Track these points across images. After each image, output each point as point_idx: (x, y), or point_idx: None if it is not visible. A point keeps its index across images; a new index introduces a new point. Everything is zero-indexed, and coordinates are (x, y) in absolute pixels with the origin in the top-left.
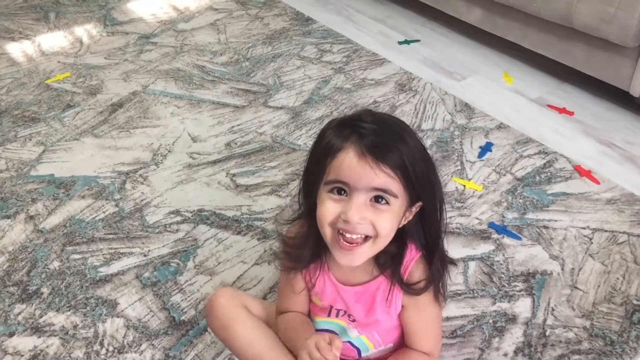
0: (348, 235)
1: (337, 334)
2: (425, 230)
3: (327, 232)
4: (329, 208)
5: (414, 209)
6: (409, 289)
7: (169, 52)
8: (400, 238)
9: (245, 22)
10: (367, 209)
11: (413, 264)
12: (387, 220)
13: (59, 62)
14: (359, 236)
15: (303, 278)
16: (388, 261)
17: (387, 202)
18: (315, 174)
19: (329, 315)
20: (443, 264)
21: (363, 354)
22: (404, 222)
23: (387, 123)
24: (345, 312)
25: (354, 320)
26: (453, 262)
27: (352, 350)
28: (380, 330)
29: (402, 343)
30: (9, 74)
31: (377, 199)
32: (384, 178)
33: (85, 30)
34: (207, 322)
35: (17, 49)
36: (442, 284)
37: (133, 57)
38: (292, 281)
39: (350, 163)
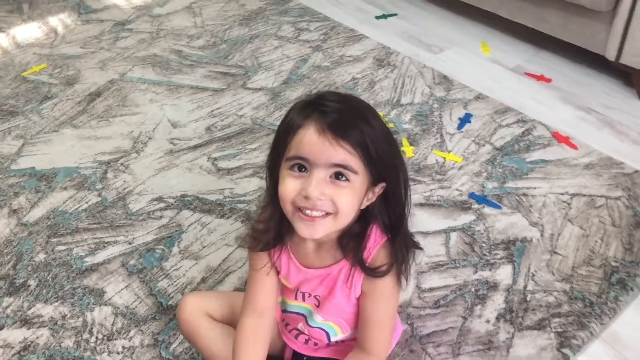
0: (308, 212)
1: (306, 318)
2: (389, 211)
3: (288, 209)
4: (289, 185)
5: (377, 190)
6: (371, 271)
7: (145, 38)
8: (364, 219)
9: (221, 4)
10: (327, 185)
11: (377, 249)
12: (347, 197)
13: (34, 53)
14: (319, 213)
15: (270, 260)
16: (352, 243)
17: (347, 179)
18: (278, 151)
19: (295, 299)
20: (407, 247)
21: (332, 338)
22: (366, 203)
23: (350, 103)
24: (310, 294)
25: (318, 305)
26: (418, 245)
27: (321, 334)
28: (345, 317)
29: None
30: None
31: (337, 176)
32: (344, 154)
33: (60, 20)
34: None
35: None
36: (405, 267)
37: (109, 44)
38: (256, 261)
39: (310, 139)
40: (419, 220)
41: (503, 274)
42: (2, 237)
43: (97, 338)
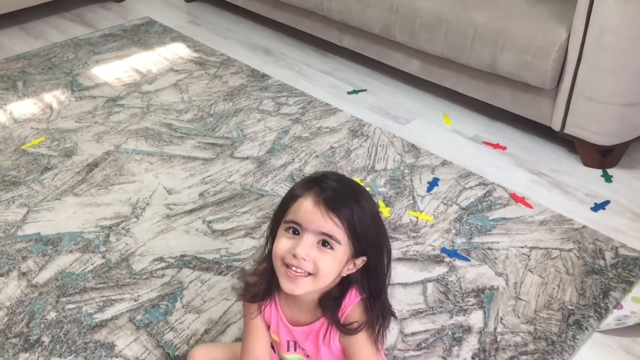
0: (293, 269)
1: None
2: (370, 281)
3: (277, 263)
4: (282, 243)
5: (358, 262)
6: (343, 329)
7: (137, 112)
8: (346, 285)
9: (206, 81)
10: (313, 249)
11: (351, 307)
12: (328, 262)
13: (32, 127)
14: (301, 272)
15: (259, 310)
16: (330, 303)
17: (332, 247)
18: (279, 216)
19: (287, 350)
20: (384, 314)
21: None
22: (346, 271)
23: (347, 185)
24: (299, 345)
25: (307, 356)
26: (394, 314)
27: None
28: None
29: None
30: None
31: (323, 243)
32: (332, 225)
33: (54, 97)
34: None
35: None
36: (381, 331)
37: (103, 119)
38: (247, 309)
39: (306, 208)
40: (399, 273)
41: (475, 319)
42: (13, 297)
43: None
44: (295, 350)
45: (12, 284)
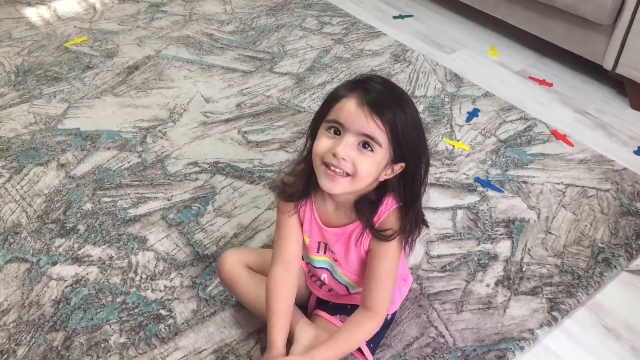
0: (332, 168)
1: (331, 271)
2: (406, 189)
3: (317, 162)
4: (323, 142)
5: (396, 168)
6: (378, 234)
7: (179, 20)
8: (382, 190)
9: None
10: (353, 150)
11: (387, 214)
12: (367, 164)
13: (75, 26)
14: (341, 171)
15: (296, 209)
16: (366, 207)
17: (372, 149)
18: (321, 115)
19: (317, 252)
20: (417, 222)
21: (351, 291)
22: (384, 176)
23: (392, 89)
24: (329, 248)
25: (336, 260)
26: (426, 223)
27: (340, 287)
28: (361, 273)
29: None
30: (28, 36)
31: (364, 145)
32: (374, 127)
33: None
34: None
35: (35, 14)
36: (412, 238)
37: (145, 24)
38: (284, 207)
39: (349, 108)
40: (430, 198)
41: (503, 247)
42: (52, 186)
43: (141, 277)
44: (325, 252)
45: (51, 173)
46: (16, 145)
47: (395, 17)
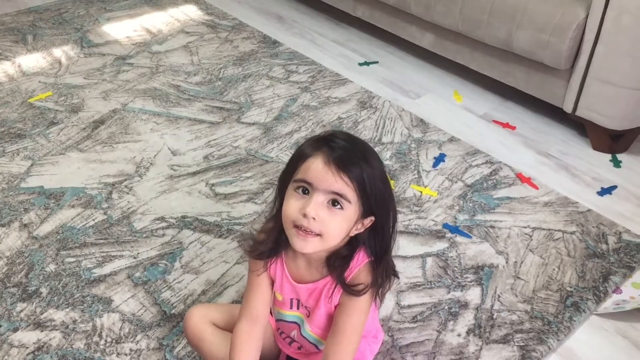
0: (304, 229)
1: (300, 327)
2: (376, 241)
3: (288, 225)
4: (292, 204)
5: (366, 222)
6: (349, 289)
7: (145, 72)
8: (353, 245)
9: (216, 45)
10: (323, 209)
11: (358, 268)
12: (338, 222)
13: (39, 81)
14: (312, 231)
15: (265, 267)
16: (337, 262)
17: (342, 207)
18: (288, 174)
19: (290, 308)
20: (387, 274)
21: (321, 348)
22: (355, 231)
23: (356, 144)
24: (302, 304)
25: (308, 315)
26: (396, 274)
27: (310, 345)
28: (328, 329)
29: None
30: None
31: (334, 203)
32: (342, 185)
33: (63, 52)
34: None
35: None
36: (382, 290)
37: (111, 77)
38: (253, 266)
39: (316, 167)
40: (399, 246)
41: (473, 295)
42: (14, 248)
43: (106, 341)
44: (298, 308)
45: (13, 234)
46: None
47: (360, 64)
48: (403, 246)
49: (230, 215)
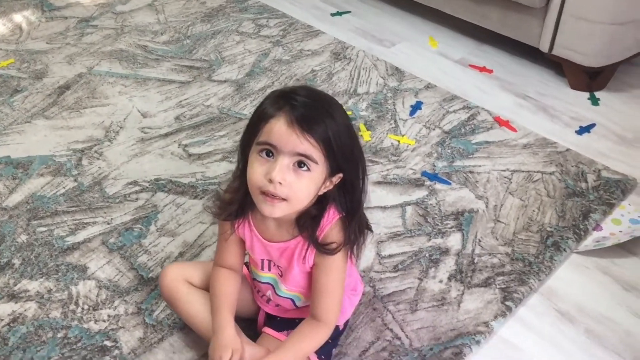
0: (271, 194)
1: (274, 287)
2: (346, 198)
3: (254, 191)
4: (256, 169)
5: (334, 180)
6: (322, 248)
7: (110, 34)
8: (322, 203)
9: (182, 2)
10: (289, 172)
11: (329, 226)
12: (305, 184)
13: (0, 49)
14: (279, 197)
15: (233, 228)
16: (308, 222)
17: (308, 168)
18: (250, 135)
19: (262, 269)
20: (360, 229)
21: (298, 304)
22: (323, 190)
23: (318, 99)
24: (274, 264)
25: (281, 275)
26: (370, 228)
27: (287, 302)
28: (305, 287)
29: None
30: None
31: (299, 164)
32: (308, 146)
33: (24, 17)
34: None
35: None
36: (357, 246)
37: (75, 40)
38: (222, 228)
39: (280, 129)
40: (378, 197)
41: (453, 241)
42: None
43: (83, 309)
44: (269, 269)
45: None
46: None
47: (333, 15)
48: (382, 196)
49: (205, 175)
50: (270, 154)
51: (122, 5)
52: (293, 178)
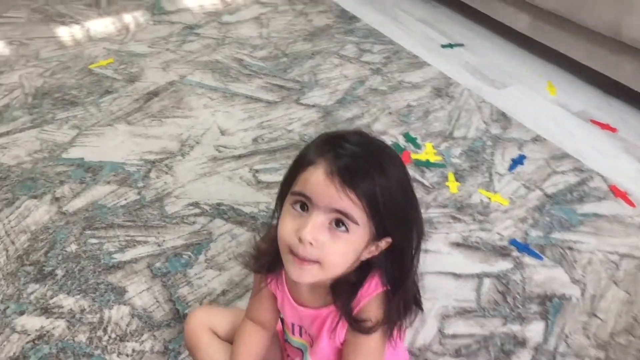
0: (301, 255)
1: (303, 353)
2: (394, 266)
3: (283, 249)
4: (287, 224)
5: (382, 244)
6: (355, 324)
7: (211, 43)
8: (366, 269)
9: (289, 18)
10: (324, 231)
11: (368, 300)
12: (341, 248)
13: (104, 48)
14: (309, 260)
15: (266, 283)
16: (344, 290)
17: (347, 229)
18: (288, 182)
19: (293, 333)
20: (406, 307)
21: None
22: (367, 255)
23: (370, 148)
24: (305, 331)
25: (311, 345)
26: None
27: None
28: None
29: None
30: (55, 57)
31: (337, 223)
32: (347, 202)
33: (133, 18)
34: None
35: (67, 33)
36: (399, 327)
37: (175, 47)
38: (256, 278)
39: (317, 179)
40: (454, 261)
41: (534, 331)
42: (40, 223)
43: (110, 337)
44: (301, 335)
45: (42, 208)
46: (15, 174)
47: (444, 46)
48: (458, 261)
49: (269, 207)
50: (305, 208)
51: (229, 15)
52: (327, 238)
